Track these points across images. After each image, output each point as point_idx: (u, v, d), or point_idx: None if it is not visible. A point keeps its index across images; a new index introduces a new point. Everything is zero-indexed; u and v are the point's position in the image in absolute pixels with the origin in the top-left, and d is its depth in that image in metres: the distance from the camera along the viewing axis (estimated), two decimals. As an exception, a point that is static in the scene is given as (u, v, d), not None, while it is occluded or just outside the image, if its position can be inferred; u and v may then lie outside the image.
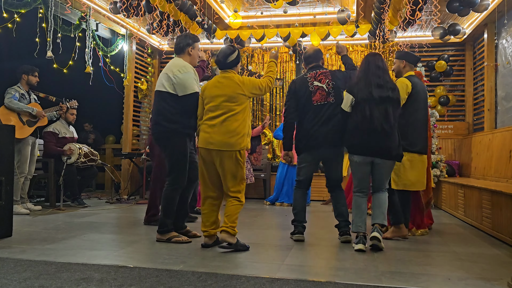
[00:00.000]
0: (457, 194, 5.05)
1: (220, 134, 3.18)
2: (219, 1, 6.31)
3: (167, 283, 2.35)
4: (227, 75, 3.32)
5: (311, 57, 3.85)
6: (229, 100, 3.22)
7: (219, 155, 3.19)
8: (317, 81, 3.67)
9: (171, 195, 3.47)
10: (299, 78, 3.84)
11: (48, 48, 5.46)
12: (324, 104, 3.61)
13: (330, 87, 3.64)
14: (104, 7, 6.27)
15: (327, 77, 3.67)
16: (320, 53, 3.88)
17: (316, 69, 3.76)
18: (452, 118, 7.46)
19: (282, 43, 7.35)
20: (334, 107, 3.59)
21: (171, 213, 3.49)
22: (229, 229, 3.15)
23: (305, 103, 3.67)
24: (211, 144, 3.19)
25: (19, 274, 2.46)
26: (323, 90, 3.64)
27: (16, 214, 4.62)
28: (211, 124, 3.23)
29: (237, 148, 3.18)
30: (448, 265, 2.87)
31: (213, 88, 3.30)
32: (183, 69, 3.42)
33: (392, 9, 5.46)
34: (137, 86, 7.88)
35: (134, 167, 7.46)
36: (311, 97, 3.64)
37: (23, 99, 5.16)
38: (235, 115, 3.21)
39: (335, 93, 3.63)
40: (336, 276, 2.56)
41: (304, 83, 3.71)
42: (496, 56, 6.33)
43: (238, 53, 3.36)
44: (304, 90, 3.68)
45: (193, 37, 3.65)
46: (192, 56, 3.61)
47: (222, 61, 3.32)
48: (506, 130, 5.16)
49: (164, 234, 3.48)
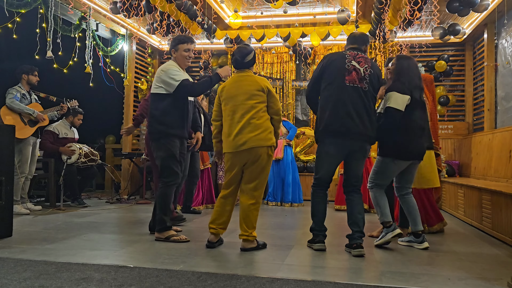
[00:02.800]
0: (457, 194, 5.06)
1: (249, 132, 3.12)
2: (219, 1, 6.31)
3: (167, 283, 2.35)
4: (245, 74, 3.31)
5: (356, 38, 3.43)
6: (250, 98, 3.19)
7: (251, 154, 3.13)
8: (355, 62, 3.24)
9: (166, 192, 3.51)
10: (336, 53, 3.44)
11: (48, 48, 5.47)
12: (357, 87, 3.18)
13: (368, 73, 3.23)
14: (104, 7, 6.27)
15: (367, 63, 3.27)
16: (367, 38, 3.47)
17: (357, 51, 3.34)
18: (452, 118, 7.47)
19: (282, 43, 7.36)
20: (367, 95, 3.20)
21: (168, 210, 3.53)
22: (249, 237, 3.14)
23: (335, 79, 3.20)
24: (242, 145, 3.12)
25: (19, 274, 2.46)
26: (358, 73, 3.21)
27: (16, 214, 4.62)
28: (235, 125, 3.17)
29: (269, 143, 3.14)
30: (448, 265, 2.87)
31: (232, 89, 3.28)
32: (164, 67, 3.55)
33: (392, 9, 5.46)
34: (137, 86, 7.89)
35: (134, 167, 7.46)
36: (345, 76, 3.19)
37: (24, 99, 5.16)
38: (259, 112, 3.17)
39: (369, 81, 3.23)
40: (336, 276, 2.56)
41: (341, 59, 3.26)
42: (496, 56, 6.33)
43: (255, 53, 3.36)
44: (339, 66, 3.22)
45: (179, 39, 3.64)
46: (177, 57, 3.64)
47: (240, 60, 3.30)
48: (506, 130, 5.16)
49: (162, 232, 3.50)
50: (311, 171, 7.25)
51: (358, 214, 3.21)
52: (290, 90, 7.97)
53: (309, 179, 7.18)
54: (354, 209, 3.23)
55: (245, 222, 3.14)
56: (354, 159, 3.25)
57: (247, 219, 3.14)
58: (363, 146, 3.22)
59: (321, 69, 3.30)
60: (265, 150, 3.15)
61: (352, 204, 3.25)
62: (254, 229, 3.19)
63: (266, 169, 3.20)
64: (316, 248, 3.25)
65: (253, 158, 3.14)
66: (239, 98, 3.22)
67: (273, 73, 8.08)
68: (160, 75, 3.52)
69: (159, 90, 3.51)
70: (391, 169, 3.41)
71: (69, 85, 7.00)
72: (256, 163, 3.14)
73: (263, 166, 3.16)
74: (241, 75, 3.32)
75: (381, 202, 3.43)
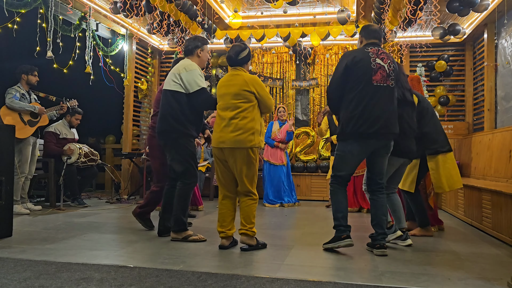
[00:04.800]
0: (457, 194, 5.06)
1: (229, 132, 3.16)
2: (219, 1, 6.31)
3: (167, 283, 2.35)
4: (236, 72, 3.32)
5: (377, 32, 3.34)
6: (235, 97, 3.21)
7: (231, 154, 3.17)
8: (379, 59, 3.18)
9: (187, 193, 3.52)
10: (358, 50, 3.27)
11: (48, 48, 5.46)
12: (384, 86, 3.14)
13: (391, 69, 3.20)
14: (105, 7, 6.28)
15: (389, 58, 3.22)
16: (381, 32, 3.42)
17: (377, 46, 3.27)
18: (452, 118, 7.47)
19: (282, 43, 7.36)
20: (393, 93, 3.19)
21: (186, 211, 3.54)
22: (248, 231, 3.18)
23: (362, 81, 3.13)
24: (223, 143, 3.18)
25: (19, 274, 2.46)
26: (384, 71, 3.15)
27: (16, 214, 4.62)
28: (221, 123, 3.23)
29: (248, 145, 3.14)
30: (448, 265, 2.87)
31: (222, 87, 3.32)
32: (188, 67, 3.49)
33: (392, 9, 5.46)
34: (137, 86, 7.89)
35: (134, 167, 7.46)
36: (372, 76, 3.12)
37: (24, 99, 5.16)
38: (243, 112, 3.18)
39: (394, 77, 3.21)
40: (336, 276, 2.56)
41: (366, 58, 3.17)
42: (496, 56, 6.33)
43: (249, 51, 3.36)
44: (365, 66, 3.14)
45: (202, 40, 3.67)
46: (201, 58, 3.64)
47: (233, 57, 3.31)
48: (506, 130, 5.16)
49: (180, 233, 3.50)
50: (311, 171, 7.24)
51: (382, 216, 3.23)
52: (290, 90, 7.97)
53: (309, 179, 7.18)
54: (379, 210, 3.23)
55: (243, 217, 3.21)
56: (378, 156, 3.23)
57: (245, 214, 3.21)
58: (388, 144, 3.21)
59: (344, 69, 3.20)
60: (244, 152, 3.15)
61: (377, 205, 3.25)
62: (253, 225, 3.23)
63: (250, 168, 3.19)
64: (344, 244, 3.18)
65: (233, 159, 3.18)
66: (226, 97, 3.26)
67: (273, 73, 8.08)
68: (182, 73, 3.47)
69: (178, 88, 3.46)
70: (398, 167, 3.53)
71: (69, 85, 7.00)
72: (237, 163, 3.17)
73: (246, 165, 3.17)
74: (232, 73, 3.33)
75: (399, 206, 3.56)
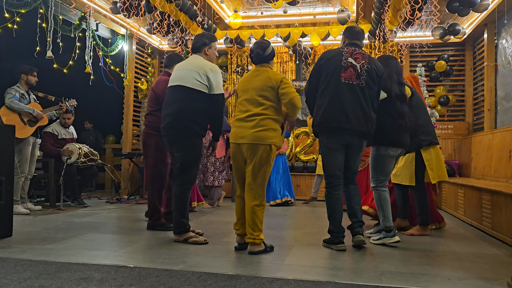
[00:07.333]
0: (457, 194, 5.06)
1: (250, 127, 3.09)
2: (219, 1, 6.31)
3: (167, 283, 2.35)
4: (262, 68, 3.26)
5: (357, 34, 3.47)
6: (259, 94, 3.14)
7: (250, 150, 3.09)
8: (352, 58, 3.29)
9: (184, 195, 3.47)
10: (334, 49, 3.43)
11: (48, 48, 5.46)
12: (353, 84, 3.24)
13: (364, 69, 3.28)
14: (104, 7, 6.28)
15: (364, 59, 3.31)
16: (364, 35, 3.55)
17: (355, 47, 3.38)
18: (452, 118, 7.47)
19: (282, 43, 7.35)
20: (363, 91, 3.26)
21: (185, 212, 3.49)
22: (256, 239, 3.07)
23: (332, 76, 3.26)
24: (242, 138, 3.11)
25: (19, 274, 2.46)
26: (355, 70, 3.26)
27: (16, 214, 4.62)
28: (242, 118, 3.16)
29: (268, 141, 3.07)
30: (448, 265, 2.87)
31: (245, 82, 3.26)
32: (214, 68, 3.43)
33: (392, 9, 5.46)
34: (137, 86, 7.89)
35: (134, 167, 7.46)
36: (341, 72, 3.25)
37: (23, 99, 5.16)
38: (265, 109, 3.11)
39: (366, 77, 3.28)
40: (336, 276, 2.56)
41: (338, 55, 3.31)
42: (496, 56, 6.33)
43: (273, 48, 3.32)
44: (336, 62, 3.28)
45: (210, 37, 3.62)
46: (209, 56, 3.60)
47: (261, 53, 3.25)
48: (506, 130, 5.16)
49: (181, 234, 3.47)
50: (311, 171, 7.25)
51: (356, 205, 3.34)
52: (290, 90, 7.95)
53: (309, 179, 7.19)
54: (352, 200, 3.35)
55: (251, 225, 3.08)
56: (351, 152, 3.33)
57: (252, 221, 3.07)
58: (359, 142, 3.31)
59: (318, 68, 3.36)
60: (264, 148, 3.07)
61: (350, 195, 3.36)
62: (261, 232, 3.11)
63: (266, 168, 3.10)
64: (336, 249, 3.25)
65: (252, 155, 3.08)
66: (249, 92, 3.19)
67: (273, 73, 8.07)
68: (209, 73, 3.38)
69: (202, 88, 3.38)
70: (390, 161, 3.54)
71: (69, 85, 7.01)
72: (254, 160, 3.07)
73: (262, 164, 3.08)
74: (258, 69, 3.27)
75: (385, 206, 3.50)
